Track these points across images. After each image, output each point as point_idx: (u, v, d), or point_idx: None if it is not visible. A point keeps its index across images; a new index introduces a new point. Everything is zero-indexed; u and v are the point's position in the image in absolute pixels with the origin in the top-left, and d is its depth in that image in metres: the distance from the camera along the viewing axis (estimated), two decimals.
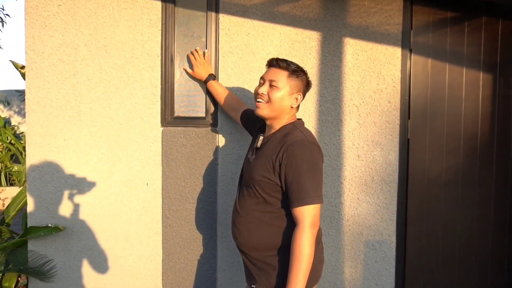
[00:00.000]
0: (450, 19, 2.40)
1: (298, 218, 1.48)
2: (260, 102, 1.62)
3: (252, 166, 1.61)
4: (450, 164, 2.43)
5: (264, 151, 1.61)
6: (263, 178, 1.55)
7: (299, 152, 1.49)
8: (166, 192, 2.28)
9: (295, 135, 1.56)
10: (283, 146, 1.52)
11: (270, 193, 1.56)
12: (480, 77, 2.44)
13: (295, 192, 1.48)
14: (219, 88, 2.17)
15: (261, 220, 1.59)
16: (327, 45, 2.28)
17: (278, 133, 1.63)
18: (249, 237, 1.62)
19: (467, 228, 2.47)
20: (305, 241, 1.44)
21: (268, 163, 1.54)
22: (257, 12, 2.25)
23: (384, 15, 2.29)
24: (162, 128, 2.26)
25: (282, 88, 1.60)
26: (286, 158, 1.50)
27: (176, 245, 2.30)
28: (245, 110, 2.06)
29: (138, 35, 2.22)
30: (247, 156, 1.76)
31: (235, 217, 1.68)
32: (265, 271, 1.58)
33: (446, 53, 2.40)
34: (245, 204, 1.63)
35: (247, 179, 1.64)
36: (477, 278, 2.50)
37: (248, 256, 1.65)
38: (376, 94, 2.31)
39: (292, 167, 1.48)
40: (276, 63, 1.62)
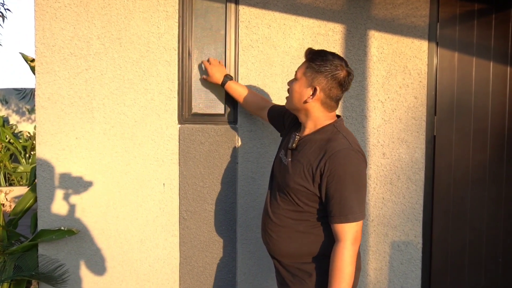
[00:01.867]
0: (478, 11, 2.32)
1: (339, 234, 1.39)
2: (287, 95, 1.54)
3: (288, 171, 1.50)
4: (476, 161, 2.36)
5: (302, 155, 1.48)
6: (299, 186, 1.44)
7: (343, 163, 1.38)
8: (183, 193, 2.18)
9: (339, 142, 1.43)
10: (326, 155, 1.40)
11: (306, 202, 1.46)
12: (507, 71, 2.36)
13: (337, 207, 1.37)
14: (239, 88, 2.07)
15: (296, 228, 1.50)
16: (351, 38, 2.19)
17: (317, 135, 1.49)
18: (281, 244, 1.53)
19: (494, 228, 2.40)
20: (347, 258, 1.35)
21: (307, 171, 1.43)
22: (279, 3, 2.16)
23: (410, 6, 2.20)
24: (179, 125, 2.16)
25: (299, 80, 1.50)
26: (328, 169, 1.38)
27: (194, 248, 2.20)
28: (272, 106, 1.97)
29: (154, 28, 2.12)
30: (278, 155, 1.65)
31: (267, 222, 1.59)
32: (299, 278, 1.51)
33: (473, 47, 2.32)
34: (278, 210, 1.54)
35: (280, 183, 1.54)
36: (504, 280, 2.42)
37: (280, 262, 1.57)
38: (402, 89, 2.23)
39: (335, 180, 1.37)
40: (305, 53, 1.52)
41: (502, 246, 2.42)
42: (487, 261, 2.41)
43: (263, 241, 1.64)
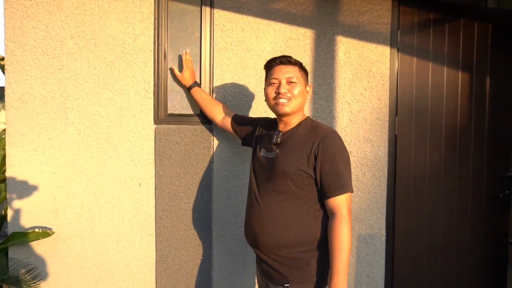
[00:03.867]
0: (433, 20, 2.54)
1: (336, 207, 1.55)
2: (283, 100, 1.67)
3: (281, 160, 1.64)
4: (433, 159, 2.58)
5: (291, 145, 1.65)
6: (298, 171, 1.59)
7: (334, 143, 1.59)
8: (159, 192, 2.22)
9: (323, 127, 1.66)
10: (317, 139, 1.60)
11: (302, 186, 1.60)
12: (459, 76, 2.60)
13: (335, 181, 1.55)
14: (204, 94, 2.19)
15: (292, 216, 1.62)
16: (320, 43, 2.33)
17: (300, 128, 1.69)
18: (278, 234, 1.63)
19: (448, 219, 2.63)
20: (346, 228, 1.51)
21: (302, 155, 1.60)
22: (252, 8, 2.25)
23: (374, 14, 2.38)
24: (155, 125, 2.21)
25: (299, 83, 1.69)
26: (322, 150, 1.57)
27: (170, 246, 2.25)
28: (236, 115, 2.11)
29: (129, 29, 2.15)
30: (259, 154, 1.76)
31: (258, 214, 1.68)
32: (297, 268, 1.61)
33: (429, 53, 2.54)
34: (272, 201, 1.65)
35: (272, 174, 1.65)
36: (457, 268, 2.66)
37: (274, 255, 1.66)
38: (367, 91, 2.40)
39: (329, 158, 1.56)
40: (286, 60, 1.70)
41: (455, 235, 2.66)
42: (442, 250, 2.64)
43: (251, 236, 1.72)
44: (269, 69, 1.74)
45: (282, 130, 1.74)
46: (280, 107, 1.67)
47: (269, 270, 1.70)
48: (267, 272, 1.71)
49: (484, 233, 2.73)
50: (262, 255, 1.71)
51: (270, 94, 1.70)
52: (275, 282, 1.67)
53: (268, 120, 1.94)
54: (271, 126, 1.85)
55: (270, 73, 1.73)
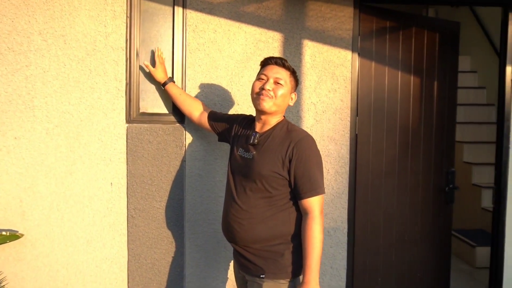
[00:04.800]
0: (389, 28, 2.74)
1: (309, 207, 1.65)
2: (265, 97, 1.73)
3: (256, 162, 1.71)
4: (389, 156, 2.79)
5: (267, 147, 1.73)
6: (272, 173, 1.67)
7: (308, 147, 1.68)
8: (131, 191, 2.23)
9: (299, 131, 1.75)
10: (292, 142, 1.68)
11: (276, 187, 1.69)
12: (411, 80, 2.83)
13: (308, 184, 1.64)
14: (180, 90, 2.22)
15: (266, 213, 1.71)
16: (288, 46, 2.45)
17: (276, 130, 1.77)
18: (254, 230, 1.72)
19: (401, 212, 2.86)
20: (318, 227, 1.62)
21: (277, 158, 1.68)
22: (224, 10, 2.32)
23: (337, 20, 2.53)
24: (127, 124, 2.21)
25: (285, 86, 1.76)
26: (296, 153, 1.66)
27: (142, 245, 2.27)
28: (212, 111, 2.16)
29: (101, 27, 2.13)
30: (236, 153, 1.82)
31: (235, 212, 1.76)
32: (272, 259, 1.71)
33: (386, 58, 2.74)
34: (248, 199, 1.73)
35: (248, 175, 1.73)
36: (409, 257, 2.90)
37: (250, 249, 1.74)
38: (331, 93, 2.55)
39: (303, 161, 1.65)
40: (280, 62, 1.77)
41: (407, 227, 2.89)
42: (396, 240, 2.86)
43: (229, 232, 1.80)
44: (263, 66, 1.82)
45: (259, 131, 1.81)
46: (260, 101, 1.74)
47: (246, 263, 1.78)
48: (244, 264, 1.80)
49: (432, 224, 2.99)
50: (239, 249, 1.80)
51: (255, 87, 1.78)
52: (252, 273, 1.76)
53: (244, 117, 2.01)
54: (248, 124, 1.92)
55: (262, 70, 1.80)
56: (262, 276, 1.71)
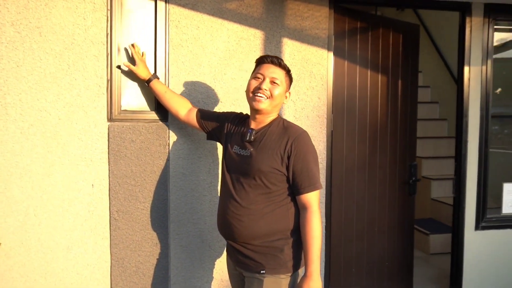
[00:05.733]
0: (360, 28, 2.87)
1: (308, 202, 1.67)
2: (261, 96, 1.73)
3: (255, 159, 1.71)
4: (360, 152, 2.91)
5: (265, 143, 1.73)
6: (271, 169, 1.68)
7: (305, 144, 1.70)
8: (114, 193, 2.13)
9: (295, 128, 1.76)
10: (290, 139, 1.69)
11: (275, 183, 1.70)
12: (379, 78, 2.98)
13: (306, 179, 1.67)
14: (165, 87, 2.15)
15: (266, 209, 1.71)
16: (269, 44, 2.47)
17: (273, 127, 1.77)
18: (254, 226, 1.71)
19: (371, 204, 3.00)
20: (317, 221, 1.66)
21: (276, 154, 1.68)
22: (206, 6, 2.29)
23: (314, 20, 2.59)
24: (109, 123, 2.12)
25: (281, 86, 1.77)
26: (294, 150, 1.68)
27: (126, 248, 2.18)
28: (201, 109, 2.12)
29: (79, 19, 2.02)
30: (232, 150, 1.82)
31: (234, 209, 1.74)
32: (272, 255, 1.71)
33: (357, 57, 2.86)
34: (247, 196, 1.72)
35: (247, 171, 1.72)
36: (378, 247, 3.05)
37: (248, 245, 1.74)
38: (309, 91, 2.61)
39: (301, 158, 1.68)
40: (277, 61, 1.77)
41: (377, 218, 3.04)
42: (367, 231, 3.00)
43: (227, 229, 1.78)
44: (259, 64, 1.81)
45: (254, 128, 1.80)
46: (256, 102, 1.74)
47: (244, 259, 1.77)
48: (243, 261, 1.79)
49: (398, 215, 3.17)
50: (237, 246, 1.78)
51: (251, 86, 1.77)
52: (251, 270, 1.75)
53: (236, 115, 1.99)
54: (241, 122, 1.91)
55: (258, 68, 1.80)
56: (262, 271, 1.71)
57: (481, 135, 2.94)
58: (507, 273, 3.02)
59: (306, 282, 1.63)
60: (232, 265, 1.89)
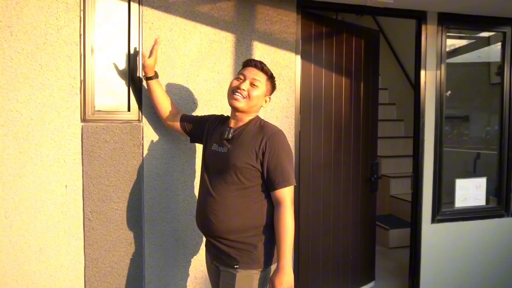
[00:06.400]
0: (325, 33, 3.01)
1: (281, 198, 1.76)
2: (238, 95, 1.82)
3: (232, 155, 1.79)
4: (326, 151, 3.06)
5: (241, 141, 1.81)
6: (246, 165, 1.76)
7: (279, 141, 1.79)
8: (88, 193, 2.14)
9: (271, 127, 1.85)
10: (265, 137, 1.78)
11: (250, 178, 1.78)
12: (343, 81, 3.13)
13: (280, 175, 1.75)
14: (162, 89, 2.21)
15: (241, 205, 1.79)
16: (240, 47, 2.55)
17: (250, 126, 1.86)
18: (229, 221, 1.78)
19: (336, 200, 3.15)
20: (290, 216, 1.74)
21: (251, 151, 1.77)
22: (179, 9, 2.34)
23: (283, 24, 2.70)
24: (82, 123, 2.12)
25: (260, 88, 1.86)
26: (269, 147, 1.76)
27: (100, 249, 2.19)
28: (184, 114, 2.20)
29: (52, 19, 2.01)
30: (211, 149, 1.89)
31: (210, 205, 1.81)
32: (246, 251, 1.79)
33: (322, 61, 3.00)
34: (223, 191, 1.79)
35: (223, 167, 1.80)
36: (343, 242, 3.21)
37: (224, 240, 1.81)
38: (278, 92, 2.71)
39: (275, 155, 1.76)
40: (260, 65, 1.87)
41: (342, 215, 3.20)
42: (333, 227, 3.15)
43: (204, 224, 1.85)
44: (244, 66, 1.90)
45: (233, 126, 1.89)
46: (234, 100, 1.83)
47: (219, 254, 1.85)
48: (218, 256, 1.86)
49: (361, 211, 3.34)
50: (214, 241, 1.85)
51: (232, 84, 1.86)
52: (226, 264, 1.83)
53: (217, 117, 2.07)
54: (221, 122, 1.99)
55: (242, 70, 1.89)
56: (236, 266, 1.79)
57: (436, 135, 3.16)
58: (460, 261, 3.27)
59: (279, 275, 1.69)
60: (209, 259, 1.96)
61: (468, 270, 3.30)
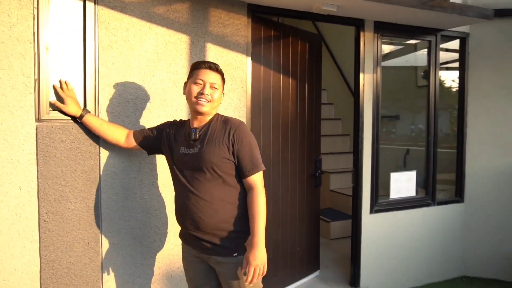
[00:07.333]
0: (273, 36, 3.17)
1: (253, 182, 1.89)
2: (203, 101, 1.91)
3: (205, 153, 1.87)
4: (275, 148, 3.22)
5: (210, 138, 1.91)
6: (222, 159, 1.87)
7: (244, 131, 1.92)
8: (43, 194, 2.11)
9: (233, 119, 1.97)
10: (231, 129, 1.90)
11: (227, 171, 1.89)
12: (289, 82, 3.32)
13: (250, 163, 1.89)
14: (99, 119, 2.20)
15: (225, 196, 1.89)
16: (194, 48, 2.63)
17: (213, 123, 1.96)
18: (218, 214, 1.88)
19: (285, 196, 3.33)
20: (262, 198, 1.88)
21: (223, 145, 1.88)
22: (135, 10, 2.37)
23: (235, 28, 2.82)
24: (37, 123, 2.09)
25: (219, 89, 1.97)
26: (237, 138, 1.89)
27: (57, 250, 2.16)
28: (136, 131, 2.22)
29: (4, 16, 1.97)
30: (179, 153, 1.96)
31: (196, 203, 1.88)
32: (238, 238, 1.90)
33: (271, 63, 3.16)
34: (206, 188, 1.88)
35: (199, 166, 1.88)
36: (291, 235, 3.40)
37: (217, 233, 1.89)
38: (231, 93, 2.83)
39: (243, 144, 1.89)
40: (214, 67, 1.96)
41: (289, 208, 3.39)
42: (281, 221, 3.32)
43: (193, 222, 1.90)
44: (197, 69, 1.96)
45: (197, 127, 1.97)
46: (200, 106, 1.91)
47: (215, 247, 1.91)
48: (212, 249, 1.92)
49: (306, 205, 3.56)
50: (205, 236, 1.92)
51: (193, 91, 1.92)
52: (224, 255, 1.91)
53: (171, 123, 2.12)
54: (180, 126, 2.06)
55: (197, 73, 1.95)
56: (235, 254, 1.89)
57: (373, 132, 3.46)
58: (396, 248, 3.60)
59: (252, 252, 1.79)
60: (192, 254, 2.01)
61: (402, 256, 3.65)
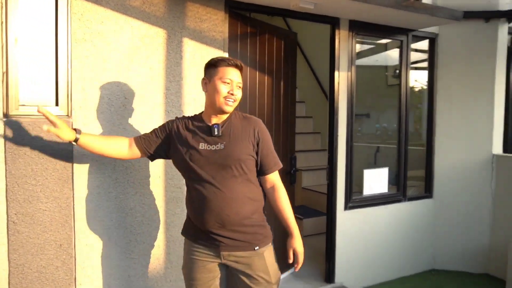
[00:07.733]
0: (249, 33, 3.15)
1: (275, 179, 1.98)
2: (231, 101, 1.88)
3: (233, 149, 1.84)
4: None
5: (235, 134, 1.88)
6: (248, 156, 1.87)
7: (264, 129, 1.96)
8: (12, 194, 2.00)
9: (252, 117, 1.98)
10: (255, 127, 1.92)
11: (250, 167, 1.89)
12: (265, 79, 3.31)
13: (272, 160, 1.95)
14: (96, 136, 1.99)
15: (248, 193, 1.89)
16: (171, 43, 2.57)
17: (233, 119, 1.94)
18: (242, 210, 1.86)
19: None
20: (286, 192, 1.99)
21: (249, 142, 1.88)
22: (110, 2, 2.29)
23: (212, 23, 2.78)
24: (5, 119, 1.97)
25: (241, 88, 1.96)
26: (260, 136, 1.91)
27: (26, 253, 2.06)
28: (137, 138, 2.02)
29: None
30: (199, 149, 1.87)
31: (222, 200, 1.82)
32: (258, 233, 1.92)
33: (248, 59, 3.13)
34: (232, 184, 1.84)
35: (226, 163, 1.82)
36: None
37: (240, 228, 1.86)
38: None
39: (265, 142, 1.93)
40: (239, 65, 1.92)
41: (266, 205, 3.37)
42: None
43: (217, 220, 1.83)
44: (221, 66, 1.88)
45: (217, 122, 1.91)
46: (227, 106, 1.87)
47: (236, 243, 1.87)
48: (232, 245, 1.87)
49: None
50: (228, 233, 1.86)
51: (222, 90, 1.85)
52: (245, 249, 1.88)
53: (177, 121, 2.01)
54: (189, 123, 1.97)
55: (224, 71, 1.87)
56: (256, 248, 1.90)
57: (348, 130, 3.51)
58: (369, 243, 3.68)
59: (297, 242, 1.97)
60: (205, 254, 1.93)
61: (376, 251, 3.73)
